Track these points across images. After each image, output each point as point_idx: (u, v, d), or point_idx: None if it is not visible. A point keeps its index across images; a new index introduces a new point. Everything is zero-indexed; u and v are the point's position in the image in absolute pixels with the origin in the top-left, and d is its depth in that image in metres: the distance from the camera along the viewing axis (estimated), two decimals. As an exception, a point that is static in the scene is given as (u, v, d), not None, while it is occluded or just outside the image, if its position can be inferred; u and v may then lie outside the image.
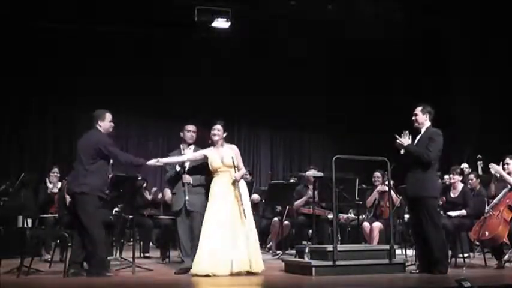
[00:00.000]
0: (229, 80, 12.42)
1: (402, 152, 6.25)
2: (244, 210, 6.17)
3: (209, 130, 6.46)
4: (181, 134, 6.71)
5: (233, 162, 6.28)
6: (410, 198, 6.33)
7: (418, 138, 6.34)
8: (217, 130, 6.47)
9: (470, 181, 8.24)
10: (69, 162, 6.88)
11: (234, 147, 6.57)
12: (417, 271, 6.28)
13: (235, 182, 6.25)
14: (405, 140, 6.22)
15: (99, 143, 6.08)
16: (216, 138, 6.45)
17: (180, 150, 6.66)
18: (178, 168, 6.54)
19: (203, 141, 6.60)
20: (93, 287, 5.69)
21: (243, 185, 6.37)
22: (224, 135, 6.49)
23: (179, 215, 6.45)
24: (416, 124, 6.37)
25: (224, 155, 6.38)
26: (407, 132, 6.26)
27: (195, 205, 6.38)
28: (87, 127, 12.38)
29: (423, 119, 6.36)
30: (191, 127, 6.73)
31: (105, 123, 6.28)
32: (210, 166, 6.40)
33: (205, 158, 6.41)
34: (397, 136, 6.23)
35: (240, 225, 6.13)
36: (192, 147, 6.64)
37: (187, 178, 6.48)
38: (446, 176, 8.67)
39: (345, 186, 7.75)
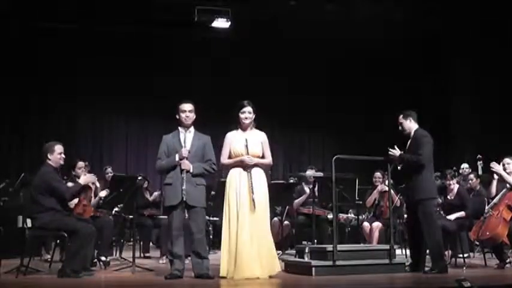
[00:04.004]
0: (228, 80, 12.40)
1: (396, 163, 6.44)
2: (253, 200, 5.65)
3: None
4: (177, 116, 5.92)
5: (246, 148, 5.75)
6: (408, 200, 6.45)
7: (408, 142, 6.50)
8: (248, 113, 5.86)
9: (470, 181, 8.25)
10: (69, 162, 6.86)
11: (263, 134, 5.99)
12: (408, 269, 6.31)
13: (246, 169, 5.75)
14: (396, 151, 6.37)
15: (44, 179, 6.06)
16: (247, 122, 5.85)
17: (179, 132, 5.91)
18: (177, 158, 5.74)
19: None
20: (92, 287, 5.70)
21: (260, 173, 5.88)
22: (253, 117, 5.92)
23: (175, 210, 5.71)
24: (404, 132, 6.55)
25: (250, 140, 5.84)
26: (395, 146, 6.42)
27: (195, 199, 5.70)
28: (88, 127, 12.50)
29: (408, 125, 6.54)
30: (187, 106, 5.88)
31: (54, 156, 6.17)
32: (232, 151, 5.85)
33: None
34: (389, 149, 6.38)
35: (251, 221, 5.68)
36: (193, 130, 5.92)
37: (187, 164, 5.69)
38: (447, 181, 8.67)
39: (345, 186, 7.75)
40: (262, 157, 5.95)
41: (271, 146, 6.21)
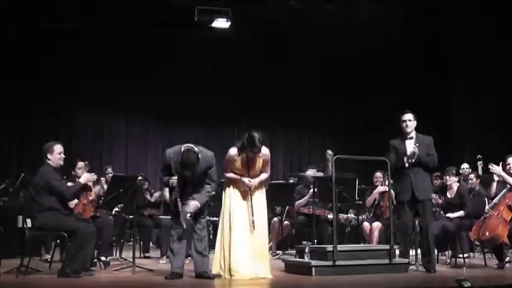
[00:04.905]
0: (229, 80, 12.40)
1: (411, 160, 6.38)
2: (253, 221, 5.83)
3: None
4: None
5: (247, 171, 5.90)
6: (410, 199, 6.42)
7: (411, 143, 6.46)
8: (259, 152, 5.86)
9: (470, 181, 8.25)
10: (69, 162, 6.86)
11: (266, 150, 6.01)
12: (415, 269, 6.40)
13: (246, 191, 5.92)
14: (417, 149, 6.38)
15: (43, 179, 6.06)
16: (254, 157, 5.91)
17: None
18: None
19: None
20: (92, 287, 5.69)
21: (260, 192, 6.05)
22: None
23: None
24: (409, 130, 6.52)
25: (251, 160, 5.94)
26: (417, 144, 6.40)
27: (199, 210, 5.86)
28: (88, 127, 12.51)
29: (414, 124, 6.55)
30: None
31: (54, 155, 6.16)
32: (233, 168, 5.97)
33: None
34: (414, 145, 6.36)
35: (250, 237, 5.85)
36: None
37: (188, 212, 5.71)
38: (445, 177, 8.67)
39: (345, 186, 7.75)
40: (261, 171, 6.03)
41: (272, 146, 6.22)
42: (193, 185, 5.79)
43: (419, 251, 6.61)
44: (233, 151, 5.97)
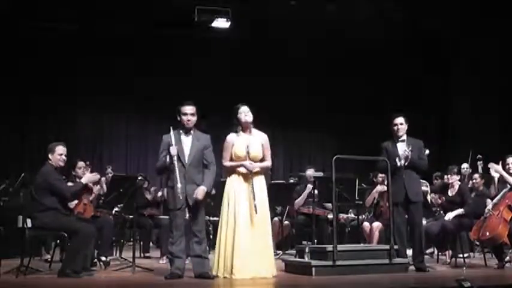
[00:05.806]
0: (228, 80, 12.41)
1: (405, 163, 6.47)
2: (255, 205, 5.73)
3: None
4: (178, 118, 5.92)
5: (247, 153, 5.82)
6: (403, 200, 6.50)
7: (403, 146, 6.53)
8: (246, 112, 5.90)
9: (474, 180, 8.26)
10: (69, 162, 6.86)
11: (264, 135, 6.03)
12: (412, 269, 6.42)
13: (247, 175, 5.83)
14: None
15: (43, 178, 6.07)
16: (249, 120, 5.89)
17: (179, 136, 5.88)
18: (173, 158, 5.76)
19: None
20: (92, 287, 5.70)
21: (261, 179, 5.96)
22: (252, 117, 5.92)
23: (177, 210, 5.79)
24: (400, 133, 6.60)
25: (251, 143, 5.89)
26: (411, 148, 6.47)
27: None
28: (88, 127, 12.52)
29: (406, 128, 6.62)
30: (189, 109, 5.85)
31: (54, 156, 6.18)
32: (233, 154, 5.91)
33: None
34: (407, 148, 6.44)
35: (252, 225, 5.76)
36: (192, 133, 5.92)
37: (201, 195, 5.73)
38: (446, 176, 8.67)
39: (345, 186, 7.76)
40: (262, 159, 6.00)
41: (272, 147, 6.21)
42: (192, 166, 5.80)
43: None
44: (230, 136, 6.00)
